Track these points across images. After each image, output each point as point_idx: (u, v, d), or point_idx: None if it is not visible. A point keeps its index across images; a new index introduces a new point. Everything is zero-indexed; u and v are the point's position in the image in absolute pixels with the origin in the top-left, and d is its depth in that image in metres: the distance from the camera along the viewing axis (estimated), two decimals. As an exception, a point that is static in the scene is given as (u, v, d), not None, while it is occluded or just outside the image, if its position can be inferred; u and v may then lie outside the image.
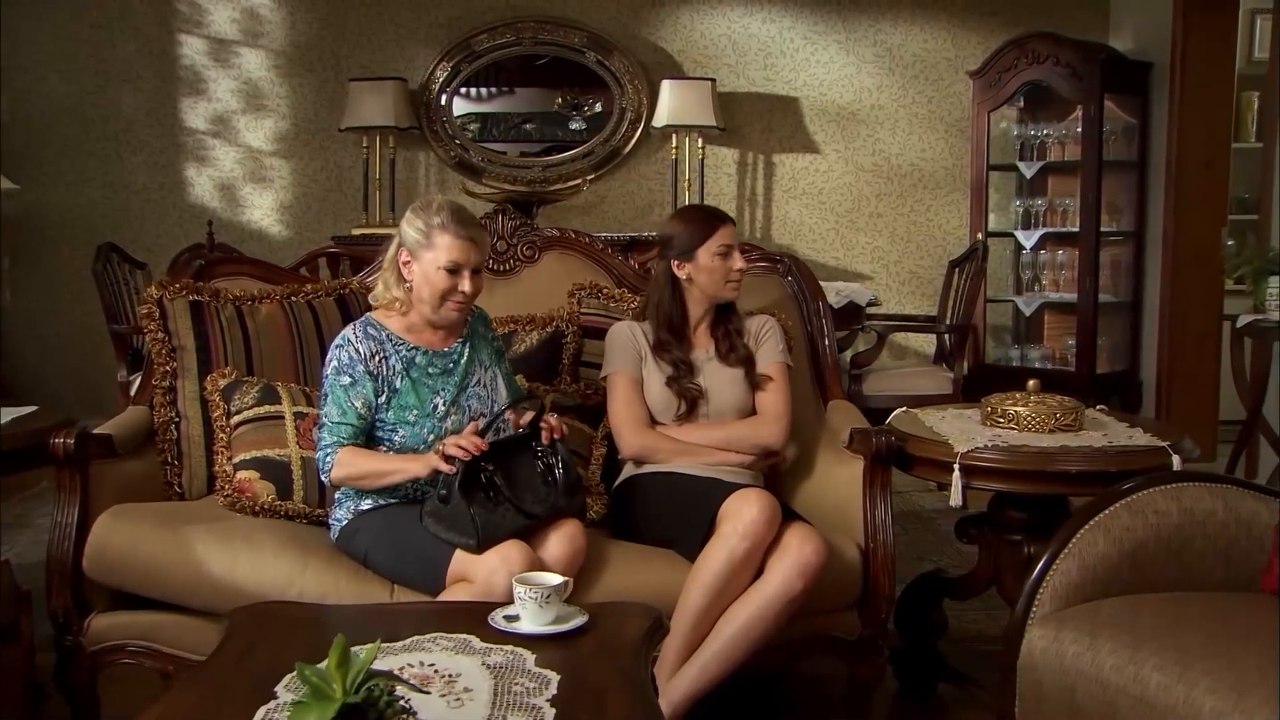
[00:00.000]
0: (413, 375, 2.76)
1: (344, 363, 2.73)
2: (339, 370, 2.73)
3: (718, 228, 2.99)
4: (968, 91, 6.58)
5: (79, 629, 2.71)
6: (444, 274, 2.72)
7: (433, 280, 2.73)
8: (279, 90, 6.48)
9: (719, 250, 2.97)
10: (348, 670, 1.53)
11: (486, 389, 2.84)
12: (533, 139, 6.83)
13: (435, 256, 2.71)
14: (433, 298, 2.74)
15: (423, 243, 2.73)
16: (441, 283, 2.72)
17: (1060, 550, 2.34)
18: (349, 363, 2.73)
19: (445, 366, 2.81)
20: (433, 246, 2.72)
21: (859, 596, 2.76)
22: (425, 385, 2.76)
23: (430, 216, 2.74)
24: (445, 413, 2.75)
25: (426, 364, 2.79)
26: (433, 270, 2.72)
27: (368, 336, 2.77)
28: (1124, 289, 6.27)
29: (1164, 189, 6.01)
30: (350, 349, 2.74)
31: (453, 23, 6.50)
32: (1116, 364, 6.24)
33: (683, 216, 3.10)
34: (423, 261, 2.73)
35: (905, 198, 6.72)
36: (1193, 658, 1.97)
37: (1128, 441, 2.73)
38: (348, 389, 2.71)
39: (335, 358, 2.76)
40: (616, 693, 1.78)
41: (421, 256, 2.74)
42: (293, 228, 6.51)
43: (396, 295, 2.80)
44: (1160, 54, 6.08)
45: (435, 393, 2.76)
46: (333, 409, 2.72)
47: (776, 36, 6.62)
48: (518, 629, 2.06)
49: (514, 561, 2.47)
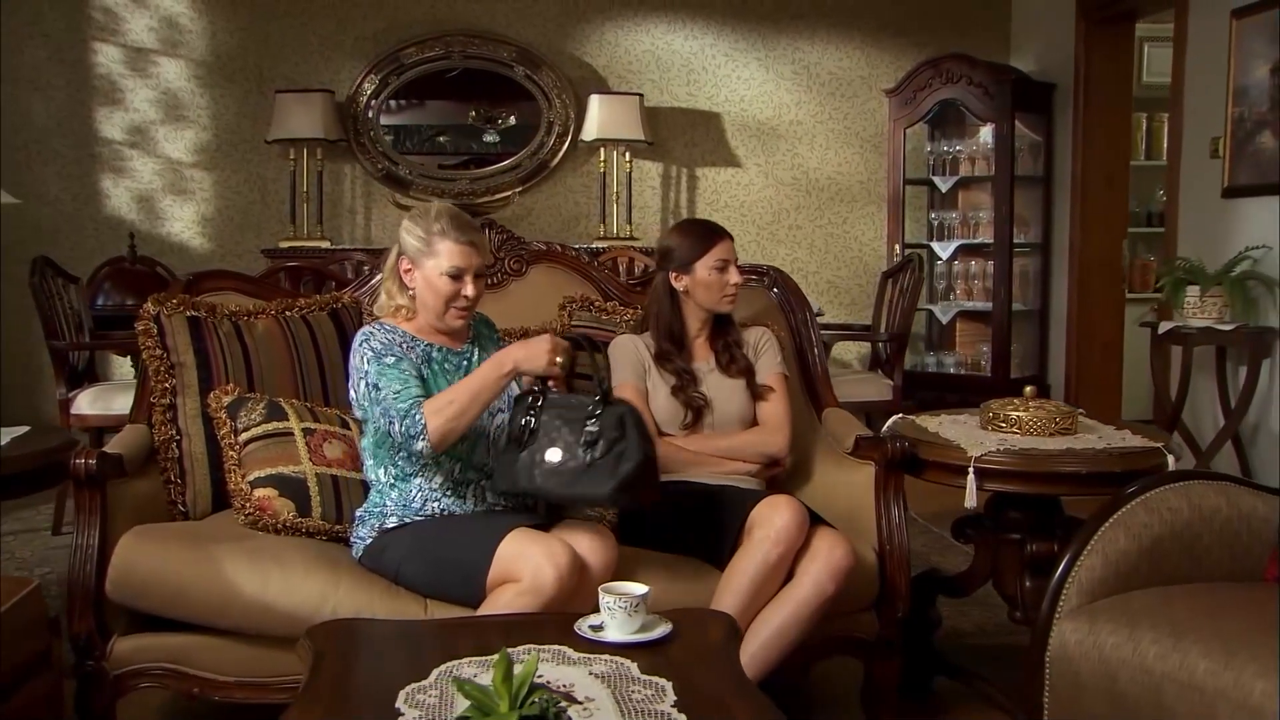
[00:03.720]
0: (433, 368, 2.77)
1: (379, 348, 2.71)
2: (379, 354, 2.69)
3: (716, 242, 3.07)
4: (882, 108, 6.83)
5: (101, 653, 2.65)
6: (447, 280, 2.74)
7: (436, 286, 2.75)
8: (200, 101, 6.35)
9: (716, 264, 3.05)
10: (512, 684, 1.57)
11: None
12: (446, 151, 6.82)
13: (437, 263, 2.74)
14: (437, 304, 2.76)
15: (423, 250, 2.75)
16: (445, 288, 2.74)
17: (1083, 547, 2.49)
18: (384, 347, 2.71)
19: (460, 364, 2.83)
20: (434, 253, 2.74)
21: (876, 598, 2.88)
22: (444, 379, 2.77)
23: (430, 223, 2.76)
24: None
25: (443, 359, 2.81)
26: (435, 276, 2.74)
27: (386, 332, 2.77)
28: (1032, 298, 6.58)
29: (1069, 203, 6.34)
30: (376, 339, 2.73)
31: (379, 35, 6.47)
32: (1027, 369, 6.54)
33: (681, 230, 3.17)
34: (425, 269, 2.75)
35: (823, 210, 6.93)
36: (1237, 644, 2.13)
37: (1123, 443, 2.91)
38: (396, 364, 2.67)
39: (367, 348, 2.72)
40: (736, 698, 1.85)
41: (423, 264, 2.75)
42: (215, 240, 6.38)
43: (401, 303, 2.82)
44: (1061, 76, 6.42)
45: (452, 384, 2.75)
46: (390, 385, 2.64)
47: (699, 53, 6.76)
48: (605, 638, 2.10)
49: (559, 556, 2.48)
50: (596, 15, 6.67)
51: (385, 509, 2.76)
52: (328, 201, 6.36)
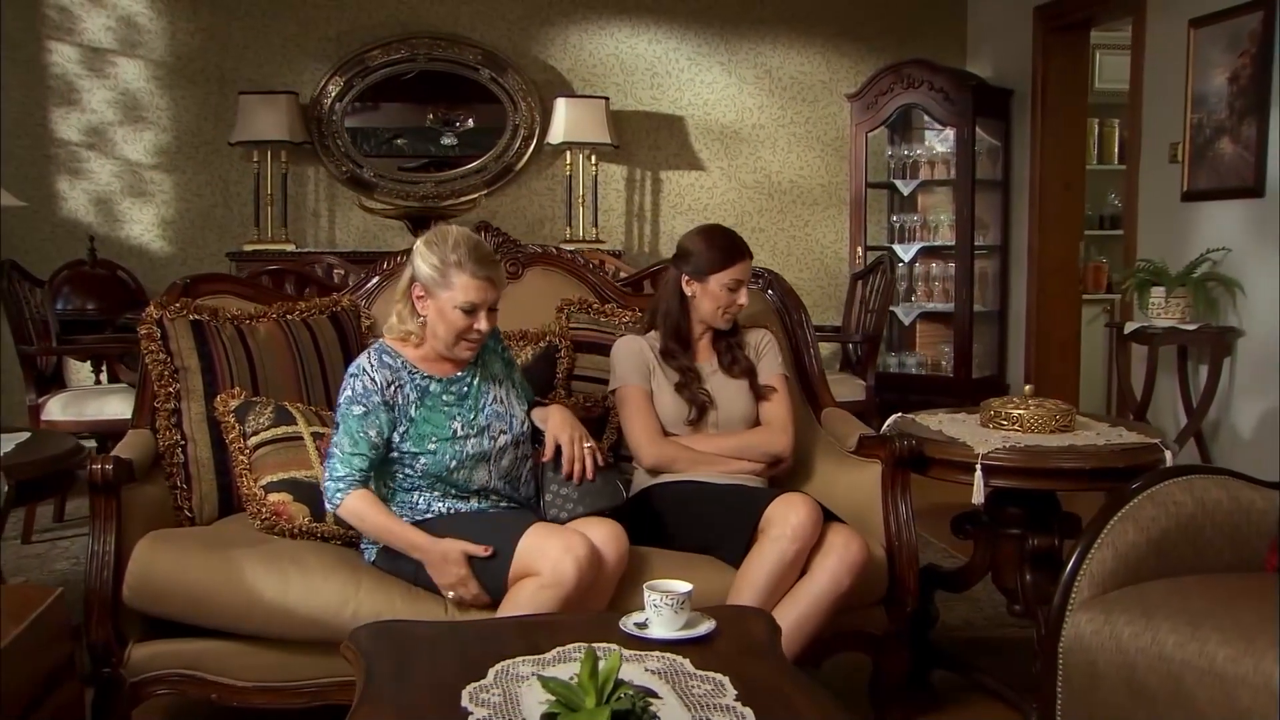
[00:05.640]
0: (427, 404, 2.72)
1: (358, 392, 2.67)
2: (353, 400, 2.66)
3: (737, 261, 3.08)
4: (843, 112, 6.92)
5: (119, 660, 2.63)
6: (460, 314, 2.66)
7: (449, 318, 2.68)
8: (159, 102, 6.26)
9: (730, 283, 3.07)
10: (597, 680, 1.59)
11: (503, 404, 2.83)
12: (405, 154, 6.79)
13: (452, 296, 2.66)
14: (448, 335, 2.70)
15: (438, 280, 2.67)
16: (458, 322, 2.67)
17: (1094, 540, 2.57)
18: (363, 393, 2.66)
19: (460, 392, 2.78)
20: (449, 285, 2.66)
21: (885, 593, 2.93)
22: (441, 412, 2.73)
23: (447, 252, 2.67)
24: (465, 435, 2.74)
25: (441, 391, 2.76)
26: (449, 309, 2.67)
27: (383, 365, 2.72)
28: (992, 299, 6.72)
29: (1027, 207, 6.48)
30: (365, 378, 2.68)
31: (342, 37, 6.42)
32: (987, 369, 6.67)
33: (707, 237, 3.13)
34: (438, 299, 2.67)
35: (785, 213, 7.00)
36: (1255, 632, 2.21)
37: (1121, 440, 2.99)
38: (361, 419, 2.65)
39: (350, 386, 2.69)
40: (795, 691, 1.89)
41: (437, 294, 2.67)
42: (176, 244, 6.29)
43: (411, 329, 2.75)
44: (1018, 82, 6.56)
45: (451, 418, 2.73)
46: (344, 439, 2.65)
47: (663, 57, 6.80)
48: (651, 635, 2.13)
49: (578, 549, 2.50)
50: (560, 19, 6.69)
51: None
52: (291, 204, 6.30)
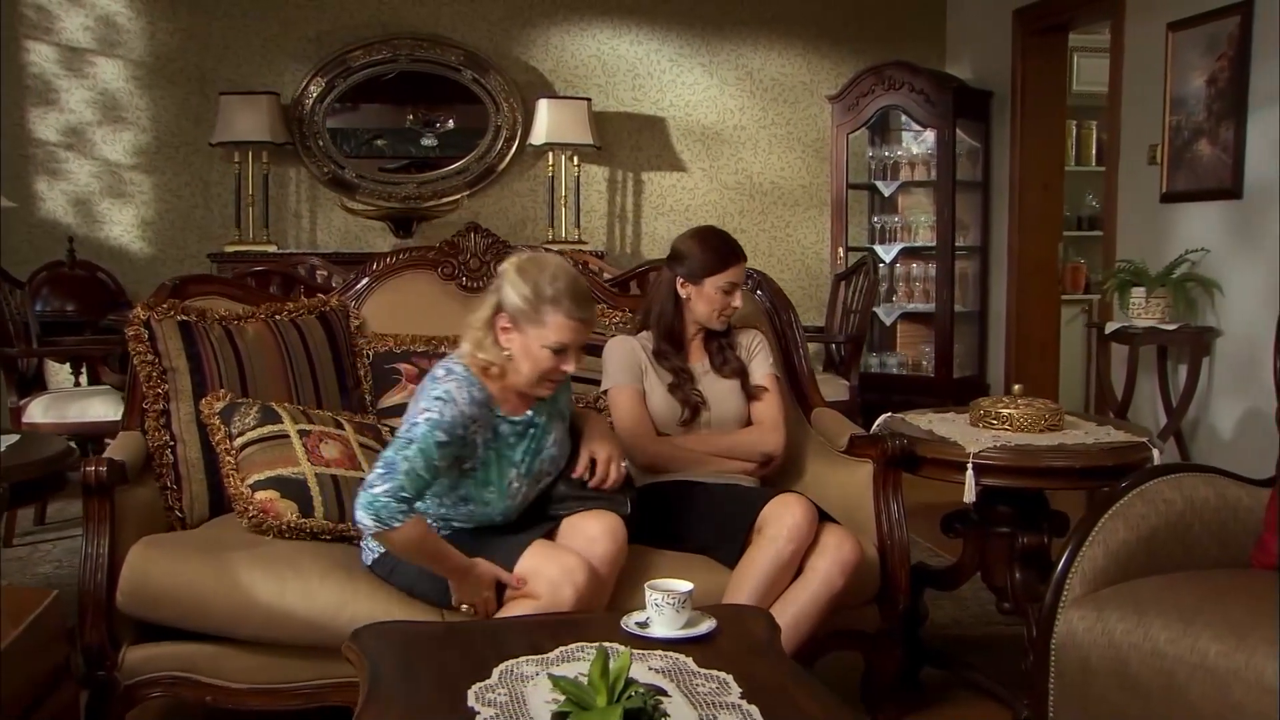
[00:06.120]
0: (494, 446, 2.60)
1: (445, 421, 2.47)
2: (438, 425, 2.46)
3: (731, 264, 3.09)
4: (824, 114, 6.95)
5: (113, 663, 2.62)
6: (548, 353, 2.51)
7: (535, 356, 2.52)
8: (139, 102, 6.22)
9: (725, 286, 3.09)
10: (609, 679, 1.60)
11: (559, 446, 2.75)
12: (385, 155, 6.77)
13: (542, 334, 2.49)
14: (530, 374, 2.54)
15: (530, 315, 2.50)
16: (544, 362, 2.52)
17: (1085, 538, 2.60)
18: (450, 424, 2.47)
19: (524, 433, 2.66)
20: (542, 324, 2.49)
21: (877, 592, 2.95)
22: (506, 458, 2.62)
23: (543, 284, 2.49)
24: (518, 489, 2.67)
25: (509, 433, 2.63)
26: (536, 347, 2.51)
27: (474, 402, 2.53)
28: (972, 299, 6.76)
29: (1007, 208, 6.52)
30: (455, 410, 2.49)
31: (323, 37, 6.40)
32: (968, 369, 6.72)
33: (702, 240, 3.14)
34: (526, 335, 2.51)
35: (767, 214, 7.03)
36: (1246, 627, 2.24)
37: (1110, 438, 3.02)
38: (441, 449, 2.46)
39: (438, 410, 2.47)
40: (799, 689, 1.90)
41: (526, 329, 2.51)
42: (156, 245, 6.25)
43: (491, 359, 2.56)
44: (998, 84, 6.60)
45: (512, 465, 2.63)
46: (420, 461, 2.42)
47: (644, 59, 6.82)
48: (652, 634, 2.14)
49: (576, 574, 2.49)
50: (542, 20, 6.69)
51: None
52: (273, 205, 6.27)
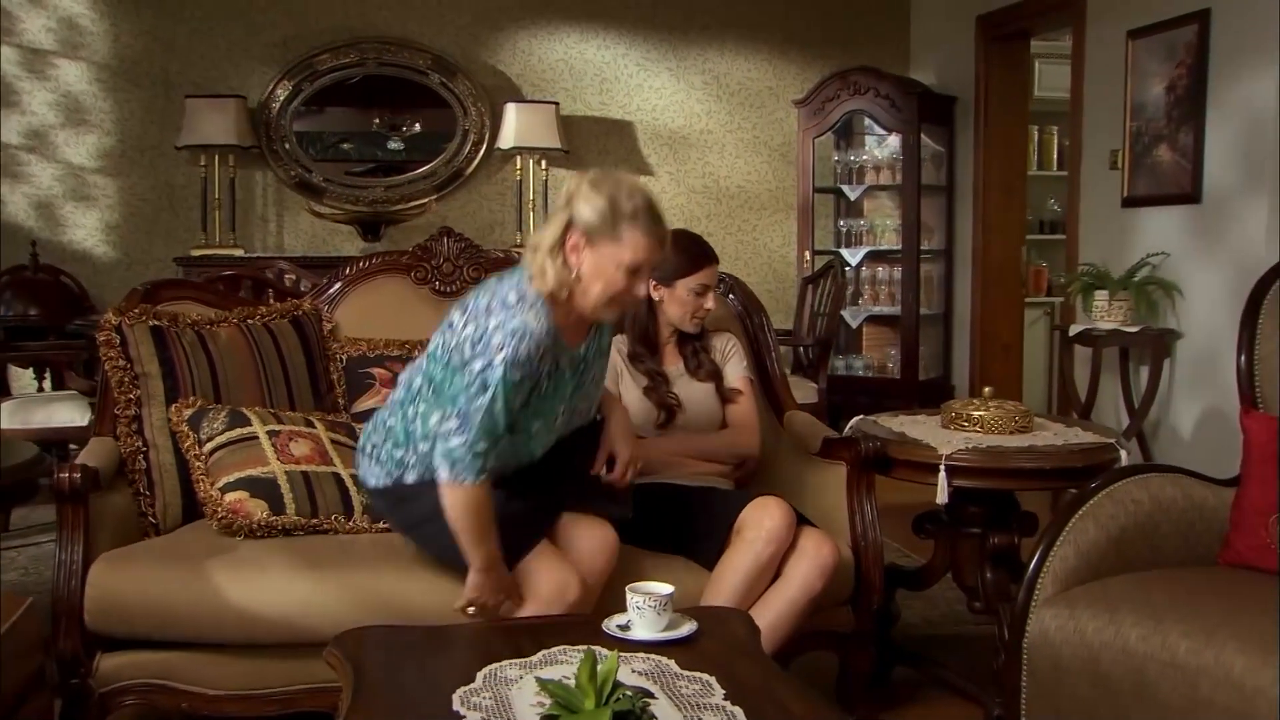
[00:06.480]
0: (557, 377, 2.45)
1: (521, 357, 2.30)
2: (515, 363, 2.30)
3: (703, 266, 3.09)
4: (790, 118, 7.00)
5: (86, 671, 2.60)
6: (624, 274, 2.37)
7: (608, 277, 2.37)
8: (102, 105, 6.17)
9: (697, 288, 3.10)
10: (597, 682, 1.61)
11: (597, 385, 2.65)
12: (351, 158, 6.76)
13: (617, 252, 2.35)
14: (600, 296, 2.40)
15: (605, 232, 2.34)
16: (618, 283, 2.38)
17: (1056, 538, 2.64)
18: (526, 359, 2.32)
19: (576, 368, 2.53)
20: (618, 240, 2.35)
21: (852, 593, 2.98)
22: (559, 392, 2.48)
23: (621, 199, 2.35)
24: (560, 425, 2.55)
25: (566, 366, 2.49)
26: (611, 266, 2.36)
27: (548, 333, 2.36)
28: (937, 302, 6.83)
29: (971, 211, 6.60)
30: (531, 343, 2.32)
31: (289, 41, 6.38)
32: (933, 371, 6.78)
33: (673, 243, 3.13)
34: (600, 252, 2.36)
35: (734, 218, 7.07)
36: (1215, 624, 2.29)
37: (1078, 440, 3.07)
38: (516, 387, 2.32)
39: (513, 347, 2.30)
40: (782, 690, 1.92)
41: (600, 246, 2.35)
42: (121, 249, 6.20)
43: (562, 279, 2.38)
44: (961, 89, 6.68)
45: (562, 400, 2.51)
46: (500, 404, 2.30)
47: (611, 63, 6.84)
48: (634, 636, 2.15)
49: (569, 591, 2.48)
50: (510, 24, 6.69)
51: (406, 460, 2.53)
52: (239, 209, 6.24)
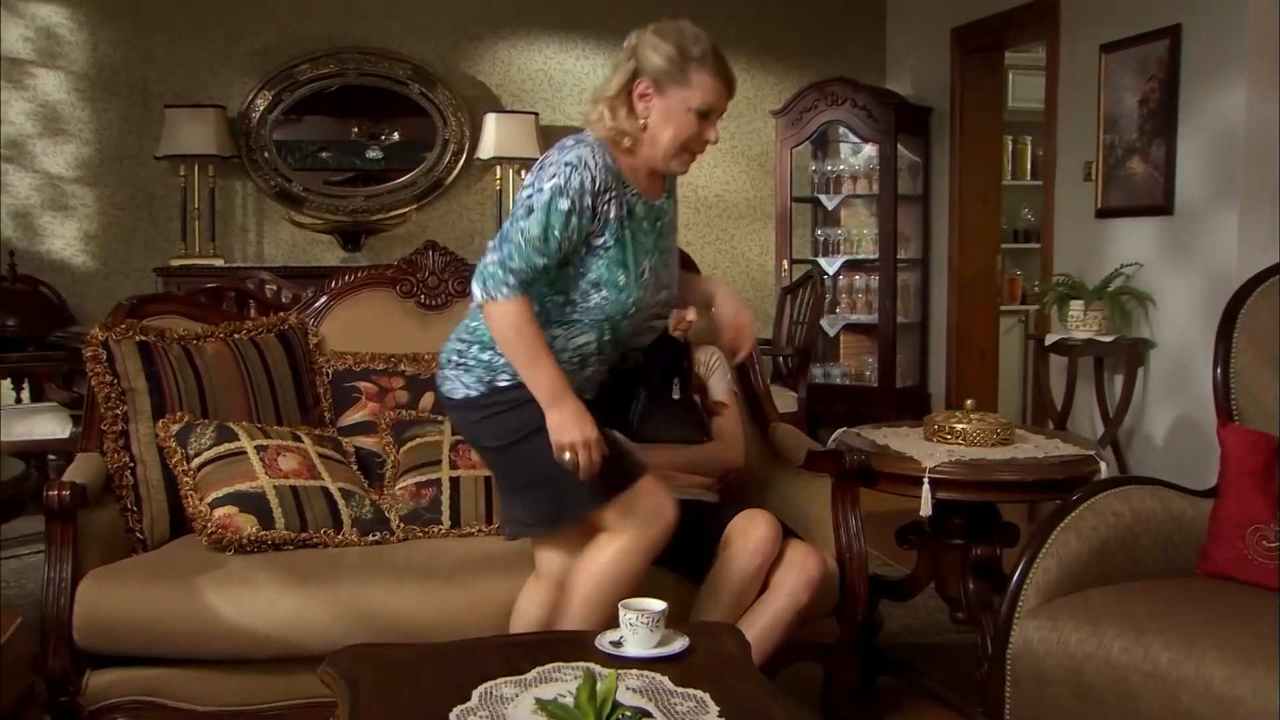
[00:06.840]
0: (630, 226, 2.39)
1: (574, 187, 2.28)
2: (562, 191, 2.28)
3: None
4: (767, 128, 7.05)
5: (76, 688, 2.61)
6: (694, 118, 2.36)
7: (679, 122, 2.36)
8: (81, 114, 6.15)
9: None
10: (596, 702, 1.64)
11: (675, 256, 2.60)
12: (329, 167, 6.74)
13: (687, 96, 2.35)
14: (671, 143, 2.38)
15: (675, 76, 2.34)
16: (688, 127, 2.37)
17: (1039, 550, 2.68)
18: (579, 190, 2.29)
19: (655, 222, 2.47)
20: (687, 83, 2.34)
21: (836, 604, 3.02)
22: (639, 243, 2.42)
23: (688, 44, 2.35)
24: (650, 281, 2.46)
25: (644, 215, 2.44)
26: (681, 111, 2.36)
27: (607, 169, 2.34)
28: (913, 310, 6.88)
29: (947, 221, 6.66)
30: (586, 174, 2.30)
31: (269, 51, 6.37)
32: (910, 379, 6.84)
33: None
34: (669, 97, 2.35)
35: (712, 227, 7.11)
36: (1195, 635, 2.34)
37: (1058, 452, 3.12)
38: (564, 217, 2.28)
39: (565, 176, 2.29)
40: (775, 705, 1.95)
41: (669, 91, 2.35)
42: (100, 259, 6.18)
43: (626, 129, 2.37)
44: (937, 100, 6.74)
45: (645, 253, 2.44)
46: (535, 229, 2.27)
47: (591, 73, 6.86)
48: (626, 653, 2.18)
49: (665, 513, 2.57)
50: (489, 34, 6.71)
51: (495, 363, 2.45)
52: (219, 219, 6.23)
